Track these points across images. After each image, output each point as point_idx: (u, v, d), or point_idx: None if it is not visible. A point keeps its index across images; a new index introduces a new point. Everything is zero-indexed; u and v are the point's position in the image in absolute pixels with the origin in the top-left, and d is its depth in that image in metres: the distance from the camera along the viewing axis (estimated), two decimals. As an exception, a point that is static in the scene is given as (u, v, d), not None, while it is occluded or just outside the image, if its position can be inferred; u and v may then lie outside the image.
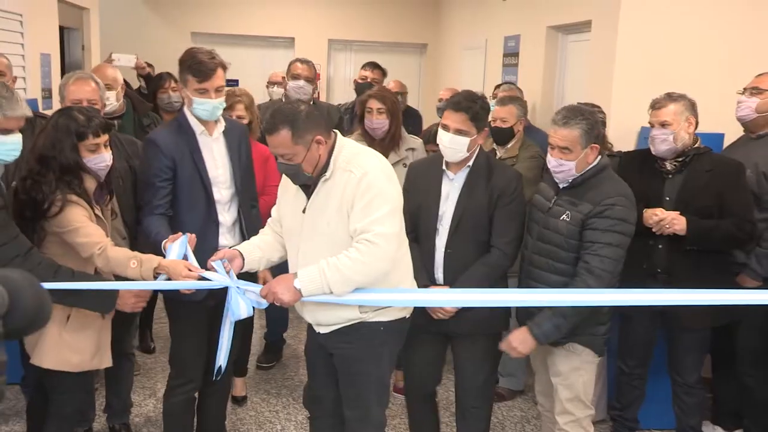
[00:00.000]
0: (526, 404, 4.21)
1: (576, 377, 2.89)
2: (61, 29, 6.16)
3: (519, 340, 2.81)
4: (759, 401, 3.53)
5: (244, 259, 2.74)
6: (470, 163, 2.97)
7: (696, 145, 3.22)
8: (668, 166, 3.24)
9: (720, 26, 4.30)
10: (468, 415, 3.15)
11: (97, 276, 2.71)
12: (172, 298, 3.08)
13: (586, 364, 2.90)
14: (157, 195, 2.96)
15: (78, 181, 2.73)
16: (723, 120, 3.72)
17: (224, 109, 3.67)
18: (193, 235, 2.77)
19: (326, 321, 2.70)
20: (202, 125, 3.01)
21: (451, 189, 3.00)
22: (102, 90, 3.35)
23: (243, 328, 3.23)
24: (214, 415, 3.40)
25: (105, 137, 2.78)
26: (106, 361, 2.93)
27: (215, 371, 2.91)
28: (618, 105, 4.32)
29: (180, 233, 2.77)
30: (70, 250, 2.71)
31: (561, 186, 2.85)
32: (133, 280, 2.67)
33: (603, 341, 2.92)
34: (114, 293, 2.72)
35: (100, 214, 2.83)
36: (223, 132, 3.08)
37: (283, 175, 2.71)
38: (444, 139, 2.92)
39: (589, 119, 2.75)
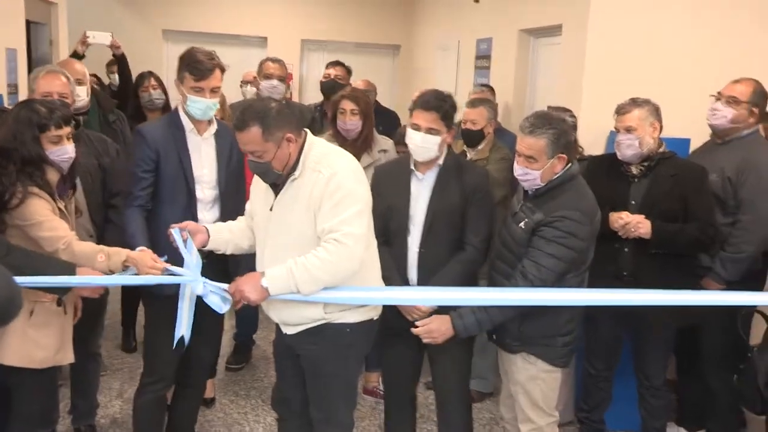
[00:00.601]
0: (495, 407, 4.21)
1: (533, 386, 2.87)
2: (28, 24, 6.06)
3: (439, 330, 2.78)
4: (722, 403, 3.59)
5: (209, 237, 2.75)
6: (440, 162, 2.98)
7: (661, 150, 3.26)
8: (634, 170, 3.27)
9: (688, 31, 4.37)
10: (450, 418, 3.17)
11: (58, 261, 2.64)
12: (148, 292, 3.07)
13: (543, 373, 2.85)
14: (137, 185, 3.00)
15: (40, 173, 2.70)
16: (690, 125, 3.77)
17: None
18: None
19: (292, 320, 2.70)
20: (193, 124, 3.04)
21: (421, 189, 2.99)
22: (72, 84, 3.33)
23: (213, 328, 3.21)
24: (185, 417, 3.38)
25: (67, 129, 2.76)
26: (69, 357, 2.89)
27: (175, 342, 2.80)
28: (588, 108, 4.36)
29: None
30: (34, 245, 2.67)
31: (529, 192, 2.84)
32: (103, 273, 2.65)
33: (564, 352, 2.86)
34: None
35: (63, 207, 2.80)
36: (215, 134, 3.10)
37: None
38: (415, 138, 2.91)
39: (556, 128, 2.69)
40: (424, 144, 2.90)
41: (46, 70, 3.28)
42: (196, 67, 2.94)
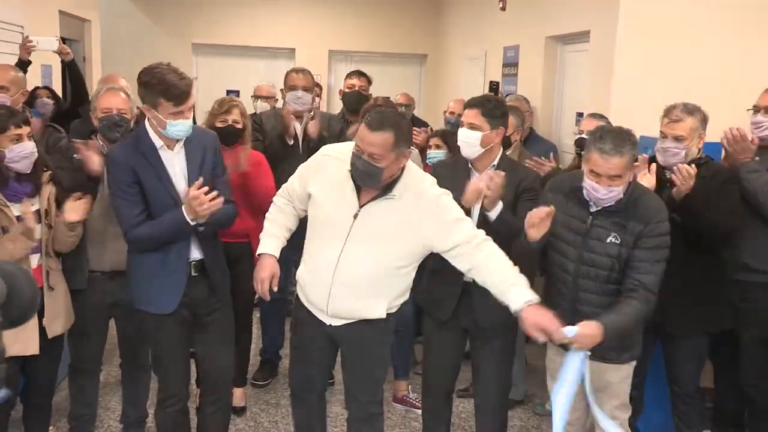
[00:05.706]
0: (525, 414, 4.20)
1: (625, 385, 2.94)
2: (63, 41, 6.19)
3: (589, 337, 2.60)
4: (759, 411, 3.52)
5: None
6: (495, 162, 3.11)
7: (698, 156, 3.22)
8: (667, 173, 3.23)
9: (719, 36, 4.31)
10: (487, 425, 3.27)
11: None
12: (146, 311, 3.00)
13: (631, 369, 2.96)
14: (133, 210, 2.88)
15: None
16: (721, 130, 3.71)
17: (221, 113, 3.71)
18: None
19: (351, 314, 2.78)
20: (162, 140, 2.89)
21: None
22: (131, 101, 3.42)
23: (222, 339, 3.16)
24: (215, 426, 3.33)
25: (27, 129, 2.98)
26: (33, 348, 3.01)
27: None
28: (617, 114, 4.31)
29: None
30: None
31: (596, 208, 2.78)
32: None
33: (640, 340, 2.97)
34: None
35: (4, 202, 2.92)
36: (185, 143, 2.96)
37: (330, 167, 2.73)
38: (459, 134, 3.10)
39: (635, 144, 2.71)
40: (465, 138, 3.06)
41: (106, 88, 3.41)
42: (173, 93, 2.75)
